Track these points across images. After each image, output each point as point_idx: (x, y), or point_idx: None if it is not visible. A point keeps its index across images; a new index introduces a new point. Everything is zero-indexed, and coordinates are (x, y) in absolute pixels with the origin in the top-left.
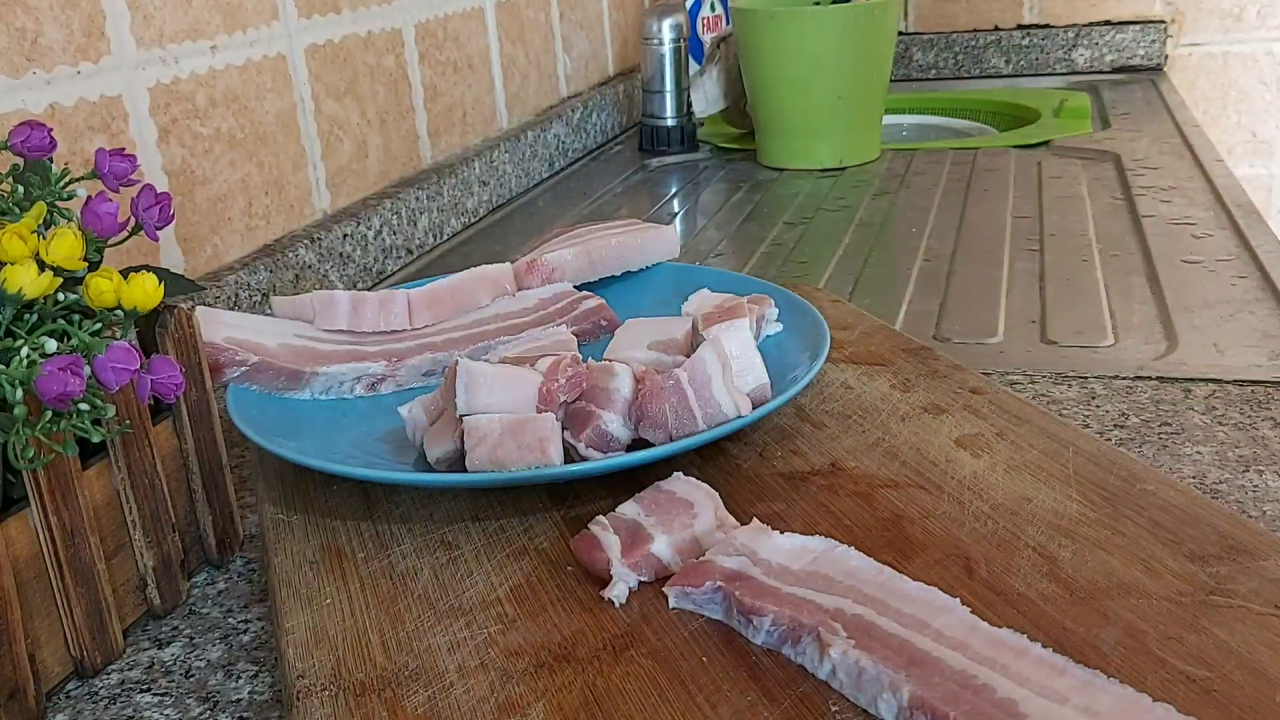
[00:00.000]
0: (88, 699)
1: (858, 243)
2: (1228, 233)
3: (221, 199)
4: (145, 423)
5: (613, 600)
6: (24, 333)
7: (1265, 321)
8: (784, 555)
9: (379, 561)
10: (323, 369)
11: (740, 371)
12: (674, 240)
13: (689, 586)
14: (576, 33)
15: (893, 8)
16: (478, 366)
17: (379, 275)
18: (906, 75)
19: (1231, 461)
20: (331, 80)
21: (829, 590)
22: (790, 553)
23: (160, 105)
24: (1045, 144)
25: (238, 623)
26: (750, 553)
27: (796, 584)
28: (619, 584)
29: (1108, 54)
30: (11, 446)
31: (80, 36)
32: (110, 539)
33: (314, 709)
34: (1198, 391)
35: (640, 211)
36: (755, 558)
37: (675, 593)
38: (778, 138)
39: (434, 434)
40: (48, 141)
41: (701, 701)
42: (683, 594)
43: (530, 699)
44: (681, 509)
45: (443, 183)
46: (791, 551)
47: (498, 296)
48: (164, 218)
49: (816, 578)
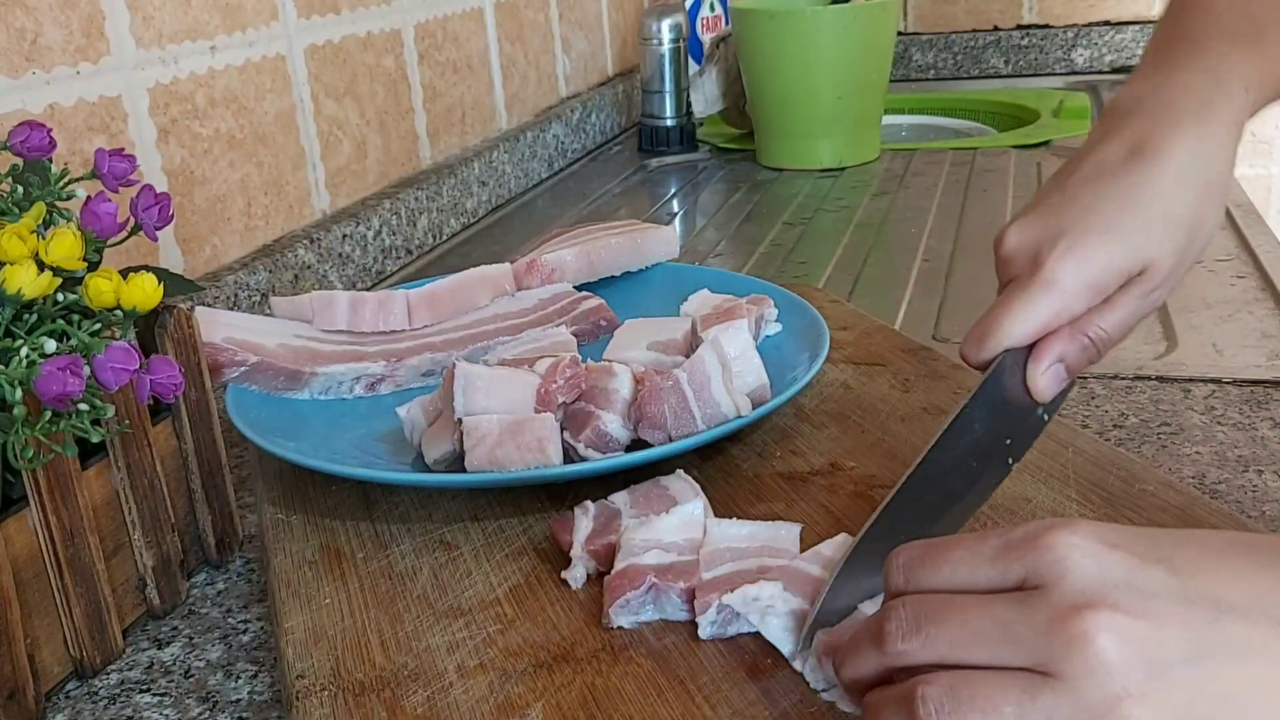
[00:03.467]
0: (87, 699)
1: (857, 243)
2: (1227, 232)
3: (221, 199)
4: (145, 423)
5: (569, 582)
6: (23, 333)
7: (1264, 321)
8: (675, 531)
9: (378, 561)
10: (322, 369)
11: (739, 372)
12: (673, 240)
13: (629, 594)
14: (576, 33)
15: (892, 8)
16: (475, 369)
17: (378, 275)
18: (906, 75)
19: (1231, 461)
20: (331, 80)
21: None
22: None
23: (159, 105)
24: (1045, 144)
25: (237, 623)
26: (655, 541)
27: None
28: (577, 566)
29: (1107, 54)
30: (11, 446)
31: (80, 37)
32: (110, 539)
33: (313, 709)
34: (1197, 391)
35: (640, 212)
36: (663, 543)
37: (614, 611)
38: (777, 138)
39: (432, 435)
40: (47, 142)
41: (701, 701)
42: (623, 606)
43: (529, 699)
44: (666, 506)
45: (442, 183)
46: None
47: (497, 297)
48: (163, 218)
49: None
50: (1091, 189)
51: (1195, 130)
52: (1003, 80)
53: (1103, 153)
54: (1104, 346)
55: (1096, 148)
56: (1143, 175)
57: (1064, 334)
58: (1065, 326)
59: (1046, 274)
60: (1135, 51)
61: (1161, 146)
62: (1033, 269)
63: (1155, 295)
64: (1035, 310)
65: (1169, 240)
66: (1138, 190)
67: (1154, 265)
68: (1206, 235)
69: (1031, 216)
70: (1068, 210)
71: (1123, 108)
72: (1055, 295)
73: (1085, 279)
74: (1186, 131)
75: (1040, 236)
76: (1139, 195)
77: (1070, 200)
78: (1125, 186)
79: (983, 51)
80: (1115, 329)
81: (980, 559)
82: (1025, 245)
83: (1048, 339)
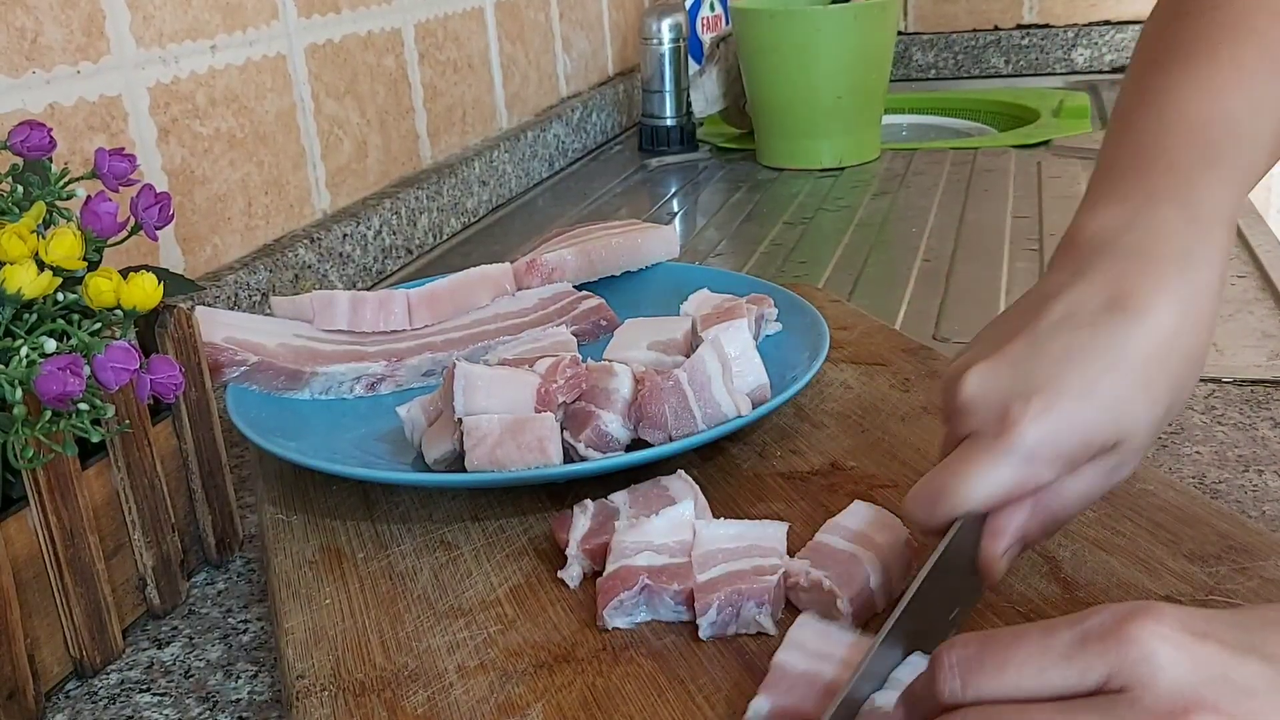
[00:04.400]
0: (87, 699)
1: (857, 243)
2: None
3: (221, 199)
4: (145, 422)
5: (565, 581)
6: (23, 332)
7: (1265, 321)
8: (664, 533)
9: (378, 562)
10: (322, 369)
11: (740, 372)
12: (673, 240)
13: (623, 595)
14: (576, 32)
15: (892, 8)
16: (476, 369)
17: (379, 275)
18: (906, 75)
19: (1231, 461)
20: (331, 80)
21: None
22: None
23: (160, 105)
24: (1045, 144)
25: (237, 623)
26: (646, 544)
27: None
28: (573, 565)
29: (1107, 54)
30: (11, 446)
31: (80, 36)
32: (110, 539)
33: (313, 709)
34: (1197, 391)
35: (640, 211)
36: (654, 545)
37: (608, 612)
38: (777, 138)
39: (432, 435)
40: (47, 141)
41: (701, 701)
42: (616, 608)
43: (530, 699)
44: (664, 506)
45: (442, 183)
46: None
47: (497, 296)
48: (163, 217)
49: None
50: (1065, 341)
51: (1179, 286)
52: (1003, 80)
53: (1075, 300)
54: (1062, 523)
55: (1066, 291)
56: (1124, 334)
57: (1024, 507)
58: (1026, 499)
59: (1016, 439)
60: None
61: (1145, 304)
62: (999, 428)
63: (1123, 470)
64: (999, 476)
65: (1147, 412)
66: (1118, 353)
67: (1129, 439)
68: (1182, 405)
69: (994, 362)
70: (1038, 363)
71: (1092, 243)
72: (1023, 463)
73: (1057, 449)
74: (1170, 287)
75: (1008, 390)
76: (1120, 357)
77: (1040, 350)
78: (1104, 344)
79: (983, 51)
80: (1076, 504)
81: (1052, 657)
82: (989, 397)
83: (1007, 512)
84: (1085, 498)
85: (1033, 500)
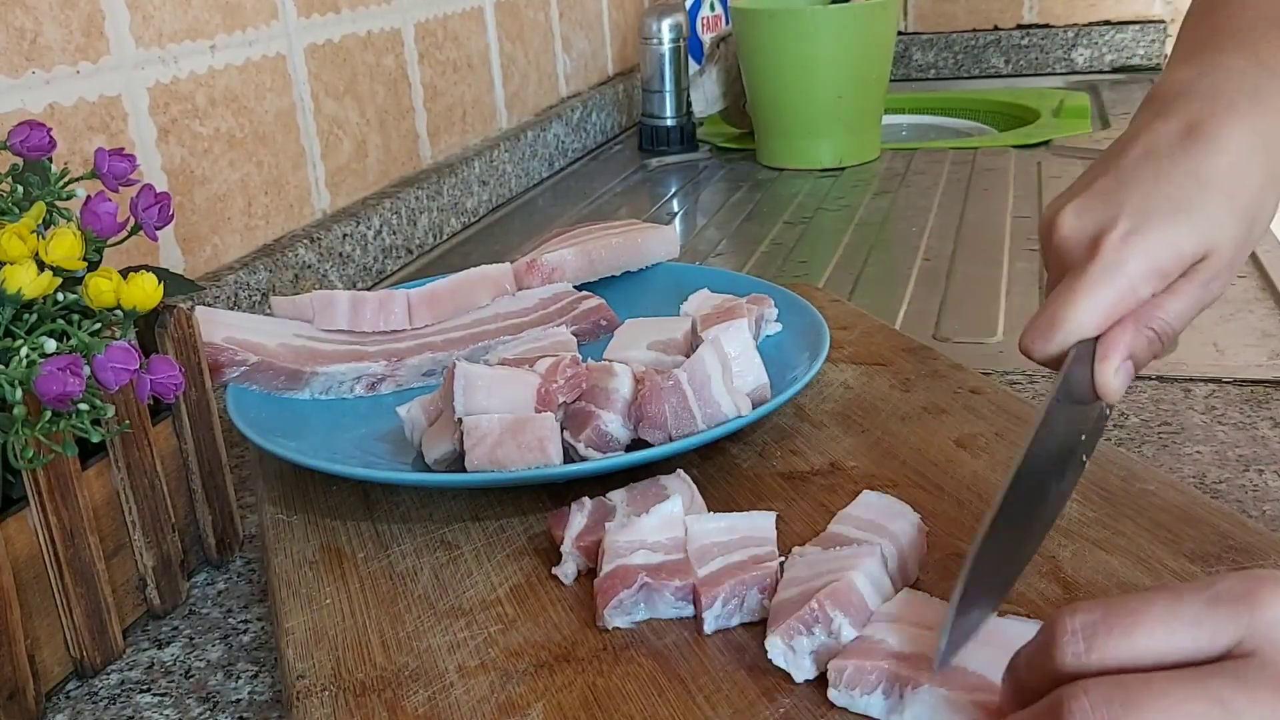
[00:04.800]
0: (87, 699)
1: (857, 242)
2: None
3: (221, 199)
4: (145, 423)
5: (560, 577)
6: (23, 333)
7: (1265, 321)
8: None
9: (379, 561)
10: (322, 369)
11: (740, 372)
12: (674, 240)
13: (622, 593)
14: (576, 32)
15: (892, 7)
16: (476, 369)
17: (379, 275)
18: (906, 75)
19: (1231, 461)
20: (331, 80)
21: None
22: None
23: (159, 105)
24: (1045, 144)
25: (237, 623)
26: (640, 542)
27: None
28: (568, 562)
29: (1107, 54)
30: (11, 446)
31: (79, 36)
32: (110, 539)
33: (314, 709)
34: (1197, 391)
35: (640, 211)
36: (648, 543)
37: (609, 612)
38: (777, 138)
39: (432, 435)
40: (47, 141)
41: (701, 701)
42: (616, 607)
43: (530, 699)
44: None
45: (442, 182)
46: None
47: (498, 296)
48: (163, 217)
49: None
50: (1147, 170)
51: (1251, 114)
52: (1003, 80)
53: (1154, 135)
54: (1166, 340)
55: (1145, 130)
56: (1202, 157)
57: (1128, 327)
58: (1129, 319)
59: (1110, 257)
60: (1135, 51)
61: (1219, 129)
62: (1092, 253)
63: (1215, 285)
64: (1101, 296)
65: (1231, 225)
66: (1198, 172)
67: (1217, 251)
68: (1264, 226)
69: (1085, 199)
70: (1124, 192)
71: (1167, 93)
72: (1120, 280)
73: (1151, 263)
74: (1242, 115)
75: (1099, 220)
76: (1200, 177)
77: (1125, 182)
78: (1184, 168)
79: (983, 51)
80: (1177, 320)
81: (1183, 621)
82: (1082, 230)
83: (1113, 333)
84: (1183, 315)
85: (1134, 320)
